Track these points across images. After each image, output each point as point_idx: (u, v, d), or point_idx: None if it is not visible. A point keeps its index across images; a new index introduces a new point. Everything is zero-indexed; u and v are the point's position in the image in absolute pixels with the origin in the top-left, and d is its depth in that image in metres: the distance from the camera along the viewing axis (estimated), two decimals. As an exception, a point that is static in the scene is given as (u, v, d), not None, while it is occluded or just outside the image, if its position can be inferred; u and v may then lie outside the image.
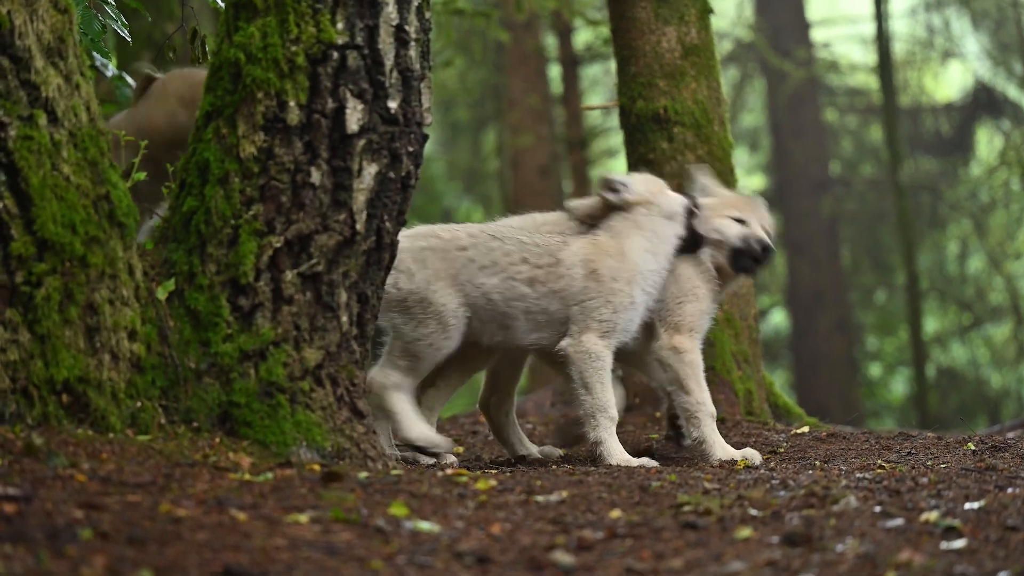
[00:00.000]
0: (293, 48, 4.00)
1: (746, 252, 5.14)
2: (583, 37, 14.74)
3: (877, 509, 3.50)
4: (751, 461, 4.88)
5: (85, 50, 4.19)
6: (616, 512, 3.56)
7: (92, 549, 2.72)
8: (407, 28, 4.12)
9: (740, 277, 5.26)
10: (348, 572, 2.86)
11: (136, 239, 3.99)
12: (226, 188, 4.02)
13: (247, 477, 3.59)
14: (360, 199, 4.09)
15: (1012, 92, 17.10)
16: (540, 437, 5.82)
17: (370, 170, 4.10)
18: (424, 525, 3.27)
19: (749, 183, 18.24)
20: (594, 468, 4.65)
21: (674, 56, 6.16)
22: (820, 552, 3.06)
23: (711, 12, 6.30)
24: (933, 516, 3.37)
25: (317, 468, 3.81)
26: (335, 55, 4.03)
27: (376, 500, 3.48)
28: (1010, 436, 5.64)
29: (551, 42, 14.56)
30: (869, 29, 16.70)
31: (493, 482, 3.97)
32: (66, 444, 3.57)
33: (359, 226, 4.10)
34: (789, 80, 16.38)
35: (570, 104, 14.03)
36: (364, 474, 3.83)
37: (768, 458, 5.03)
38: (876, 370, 19.47)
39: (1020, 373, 17.61)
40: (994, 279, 17.57)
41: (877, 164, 17.93)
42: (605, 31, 11.69)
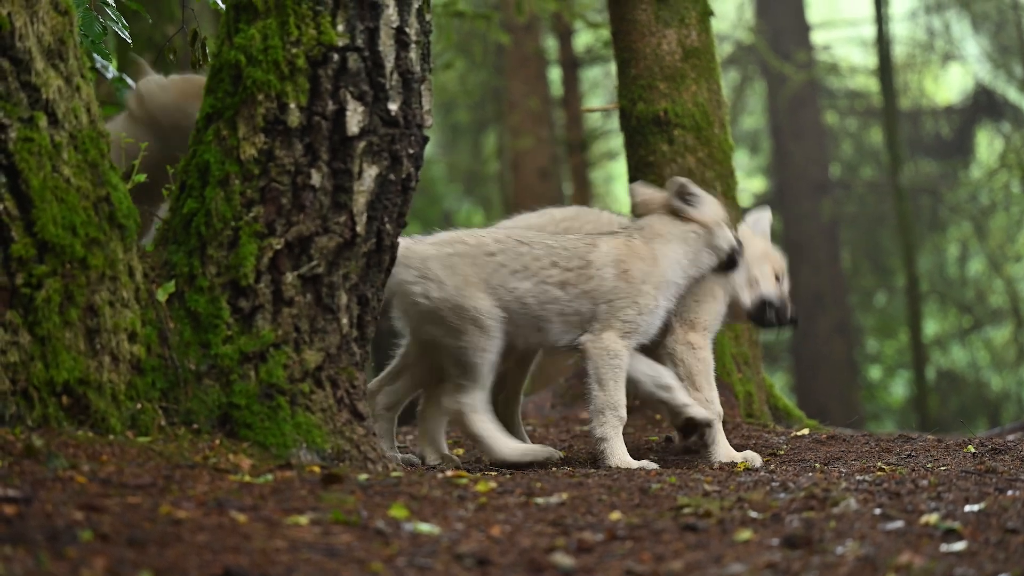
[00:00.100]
0: (294, 50, 4.01)
1: (776, 310, 5.19)
2: (583, 39, 14.75)
3: (877, 511, 3.50)
4: (751, 463, 4.89)
5: (85, 52, 4.19)
6: (616, 514, 3.56)
7: (92, 551, 2.72)
8: (407, 30, 4.13)
9: (743, 320, 5.28)
10: (348, 574, 2.86)
11: (136, 240, 4.00)
12: (226, 190, 4.02)
13: (247, 479, 3.59)
14: (360, 201, 4.09)
15: (1012, 95, 17.11)
16: (540, 438, 5.82)
17: (370, 172, 4.10)
18: (424, 527, 3.27)
19: (749, 186, 18.24)
20: (594, 470, 4.65)
21: (674, 58, 6.16)
22: (820, 554, 3.06)
23: (711, 14, 6.30)
24: (933, 518, 3.37)
25: (317, 470, 3.81)
26: (335, 57, 4.03)
27: (376, 502, 3.48)
28: (1010, 439, 5.63)
29: (551, 44, 14.57)
30: (869, 32, 16.72)
31: (493, 484, 3.97)
32: (66, 446, 3.57)
33: (359, 228, 4.10)
34: (789, 83, 16.39)
35: (570, 106, 14.04)
36: (364, 476, 3.83)
37: (768, 460, 5.03)
38: (876, 372, 19.47)
39: (1020, 376, 17.60)
40: (994, 282, 17.58)
41: (877, 167, 17.93)
42: (605, 33, 11.69)
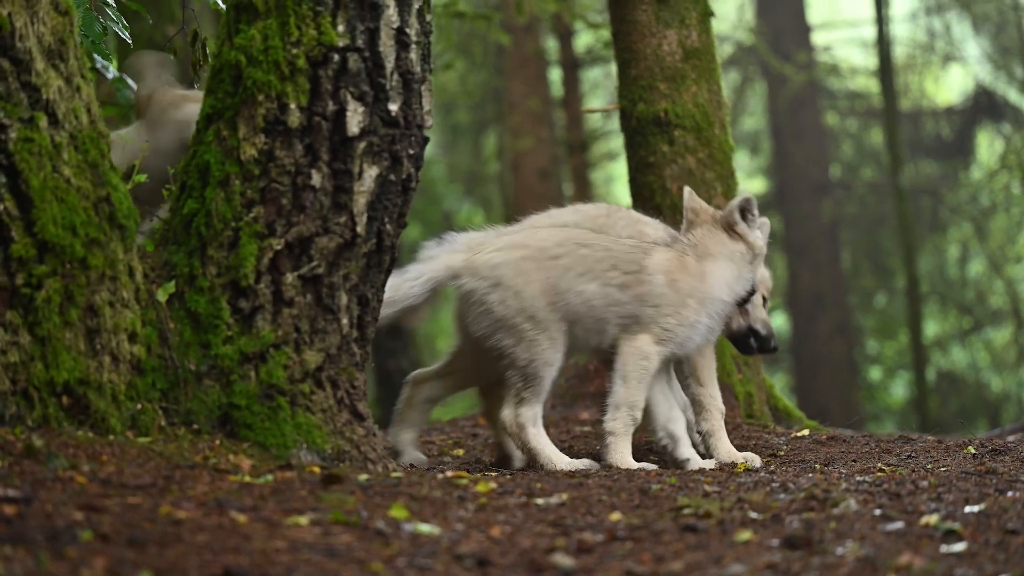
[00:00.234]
0: (294, 50, 4.01)
1: (761, 340, 5.23)
2: (584, 40, 14.74)
3: (877, 512, 3.50)
4: (751, 464, 4.89)
5: (86, 52, 4.19)
6: (616, 515, 3.56)
7: (92, 551, 2.72)
8: (408, 31, 4.13)
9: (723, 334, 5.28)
10: (348, 574, 2.86)
11: (136, 239, 4.00)
12: (227, 190, 4.02)
13: (247, 479, 3.59)
14: (361, 201, 4.09)
15: (1013, 96, 17.10)
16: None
17: (371, 172, 4.10)
18: (424, 527, 3.27)
19: (750, 186, 18.22)
20: (593, 471, 4.64)
21: (675, 59, 6.16)
22: (820, 555, 3.06)
23: (712, 15, 6.30)
24: (933, 519, 3.37)
25: (317, 470, 3.81)
26: (336, 57, 4.03)
27: (376, 502, 3.48)
28: (1010, 440, 5.63)
29: (552, 45, 14.57)
30: (870, 33, 16.72)
31: (493, 484, 3.97)
32: (66, 446, 3.57)
33: (359, 228, 4.10)
34: (790, 83, 16.38)
35: (570, 107, 14.04)
36: (364, 476, 3.83)
37: (768, 461, 5.03)
38: (876, 373, 19.45)
39: (1020, 377, 17.60)
40: (994, 283, 17.57)
41: (878, 167, 17.92)
42: (606, 34, 11.69)
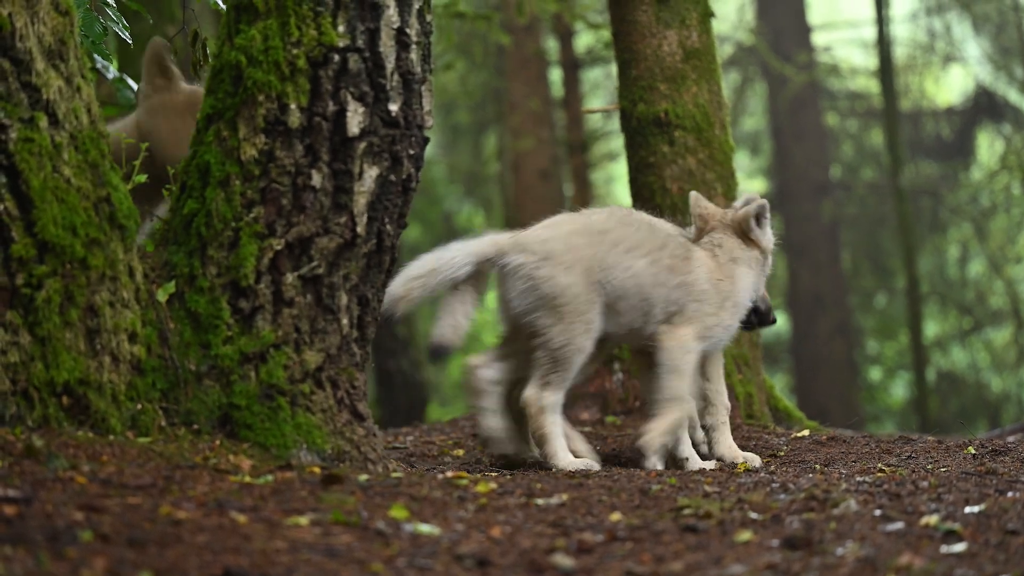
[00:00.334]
0: (294, 51, 4.01)
1: (760, 315, 5.26)
2: (584, 40, 14.74)
3: (877, 513, 3.50)
4: (751, 465, 4.89)
5: (86, 52, 4.19)
6: (616, 515, 3.56)
7: (92, 551, 2.72)
8: (408, 31, 4.13)
9: None
10: (348, 574, 2.86)
11: (137, 238, 4.00)
12: (227, 190, 4.02)
13: (247, 479, 3.59)
14: (361, 202, 4.10)
15: (1013, 96, 17.10)
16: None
17: (371, 173, 4.10)
18: (424, 528, 3.27)
19: (750, 187, 18.22)
20: (594, 472, 4.64)
21: (675, 60, 6.16)
22: (820, 556, 3.06)
23: (712, 16, 6.30)
24: (933, 520, 3.37)
25: (317, 471, 3.81)
26: (336, 58, 4.03)
27: (376, 503, 3.48)
28: (1010, 440, 5.63)
29: (552, 45, 14.57)
30: (870, 33, 16.72)
31: (493, 485, 3.97)
32: (66, 446, 3.57)
33: (360, 229, 4.10)
34: (790, 84, 16.38)
35: (571, 107, 14.03)
36: (364, 477, 3.83)
37: (768, 461, 5.03)
38: (876, 374, 19.45)
39: (1020, 377, 17.60)
40: (995, 283, 17.57)
41: (878, 168, 17.92)
42: (606, 35, 11.69)
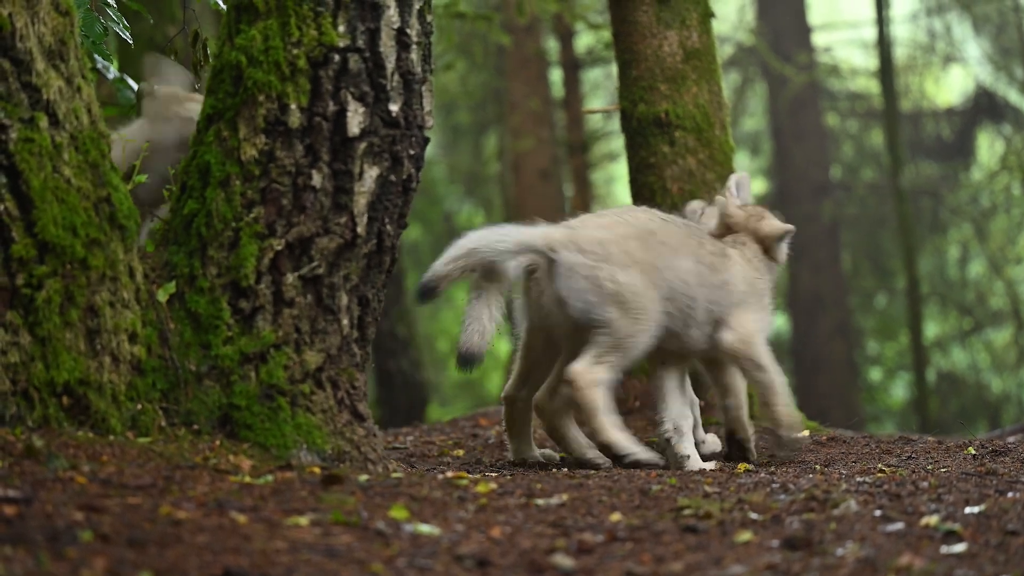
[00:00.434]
0: (294, 51, 4.01)
1: None
2: (584, 41, 14.74)
3: (877, 513, 3.49)
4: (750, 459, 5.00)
5: (86, 52, 4.19)
6: (616, 515, 3.56)
7: (92, 551, 2.72)
8: (408, 31, 4.13)
9: None
10: (348, 574, 2.86)
11: (137, 240, 4.00)
12: (227, 191, 4.02)
13: (247, 480, 3.59)
14: (361, 202, 4.10)
15: (1013, 97, 17.09)
16: (540, 440, 5.81)
17: (371, 173, 4.10)
18: (424, 528, 3.27)
19: (750, 187, 18.19)
20: (594, 472, 4.64)
21: (675, 60, 6.16)
22: (820, 556, 3.06)
23: (712, 16, 6.30)
24: (933, 520, 3.37)
25: (317, 471, 3.81)
26: (336, 58, 4.03)
27: (376, 503, 3.48)
28: (1010, 440, 5.63)
29: (552, 46, 14.56)
30: (870, 33, 16.71)
31: (493, 485, 3.97)
32: (66, 446, 3.57)
33: (360, 229, 4.10)
34: (790, 84, 16.37)
35: (571, 108, 14.03)
36: (364, 477, 3.83)
37: (768, 462, 5.03)
38: (876, 374, 19.44)
39: (1021, 378, 17.59)
40: (995, 284, 17.56)
41: (878, 168, 17.91)
42: (606, 35, 11.69)
